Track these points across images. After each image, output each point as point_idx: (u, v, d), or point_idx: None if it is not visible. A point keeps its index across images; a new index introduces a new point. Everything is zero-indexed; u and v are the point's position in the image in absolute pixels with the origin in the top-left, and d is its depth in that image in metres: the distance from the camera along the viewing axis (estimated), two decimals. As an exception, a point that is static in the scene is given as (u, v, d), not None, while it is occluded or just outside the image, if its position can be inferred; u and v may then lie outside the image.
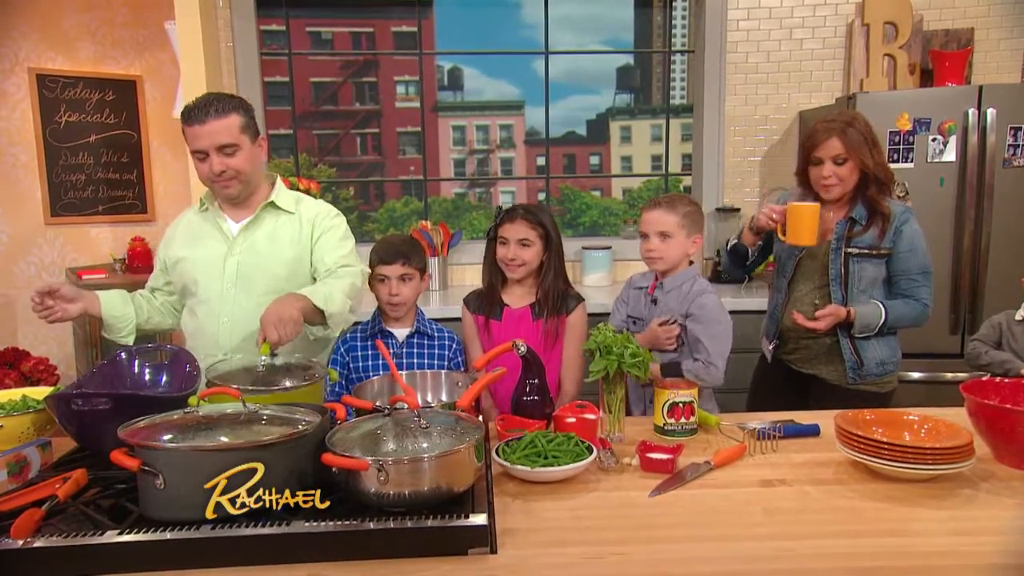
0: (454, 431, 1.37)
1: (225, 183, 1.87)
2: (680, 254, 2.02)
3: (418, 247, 2.19)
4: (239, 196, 1.93)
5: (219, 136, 1.81)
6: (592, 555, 1.17)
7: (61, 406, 1.45)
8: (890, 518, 1.28)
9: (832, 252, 2.14)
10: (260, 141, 1.94)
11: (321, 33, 3.88)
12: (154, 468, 1.16)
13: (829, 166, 2.08)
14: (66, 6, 4.11)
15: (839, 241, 2.12)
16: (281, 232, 1.96)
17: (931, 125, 2.94)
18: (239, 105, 1.87)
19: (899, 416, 1.55)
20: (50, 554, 1.09)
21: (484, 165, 4.06)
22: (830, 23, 3.53)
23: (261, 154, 1.95)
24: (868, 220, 2.11)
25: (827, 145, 2.07)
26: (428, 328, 2.16)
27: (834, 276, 2.14)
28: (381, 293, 2.11)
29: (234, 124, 1.83)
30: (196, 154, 1.85)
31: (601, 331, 1.68)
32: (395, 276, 2.07)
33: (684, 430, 1.67)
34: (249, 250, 1.94)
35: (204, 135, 1.80)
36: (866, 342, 2.12)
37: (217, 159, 1.83)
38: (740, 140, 3.62)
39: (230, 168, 1.85)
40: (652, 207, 2.06)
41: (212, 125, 1.80)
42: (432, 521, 1.17)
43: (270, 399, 1.45)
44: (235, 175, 1.86)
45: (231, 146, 1.83)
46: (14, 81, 4.04)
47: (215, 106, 1.81)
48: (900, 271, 2.10)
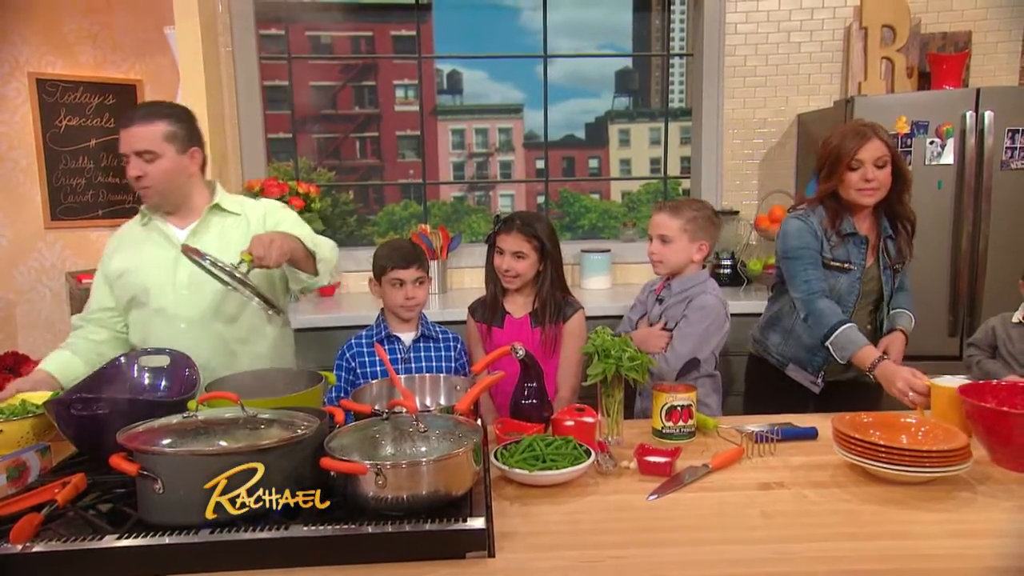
0: (452, 435, 1.37)
1: (142, 190, 1.87)
2: (682, 259, 2.03)
3: (423, 252, 2.21)
4: (159, 206, 1.93)
5: (139, 142, 1.81)
6: (590, 559, 1.17)
7: (60, 411, 1.45)
8: (888, 521, 1.28)
9: (883, 274, 2.12)
10: (192, 153, 1.92)
11: (320, 37, 3.89)
12: (153, 472, 1.16)
13: (871, 169, 1.99)
14: (66, 11, 4.12)
15: (885, 261, 2.12)
16: (230, 233, 1.96)
17: (929, 128, 2.94)
18: (171, 114, 1.86)
19: (896, 419, 1.55)
20: (49, 559, 1.09)
21: (483, 168, 4.07)
22: (828, 26, 3.54)
23: (191, 166, 1.93)
24: (898, 232, 2.10)
25: (869, 147, 1.98)
26: (432, 331, 2.18)
27: (888, 296, 2.15)
28: (396, 297, 2.10)
29: (157, 132, 1.82)
30: (122, 159, 1.86)
31: (600, 334, 1.68)
32: (411, 280, 2.09)
33: (682, 433, 1.67)
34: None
35: (125, 139, 1.83)
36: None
37: (135, 164, 1.83)
38: (739, 143, 3.62)
39: (147, 175, 1.84)
40: (658, 210, 2.07)
41: (135, 130, 1.81)
42: (430, 525, 1.17)
43: (269, 403, 1.45)
44: (151, 184, 1.85)
45: (149, 153, 1.82)
46: (14, 86, 4.05)
47: (142, 111, 1.83)
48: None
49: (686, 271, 2.05)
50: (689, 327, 1.99)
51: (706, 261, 2.10)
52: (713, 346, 2.05)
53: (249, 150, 3.47)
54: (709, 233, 2.04)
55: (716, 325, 2.01)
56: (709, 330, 1.99)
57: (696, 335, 1.98)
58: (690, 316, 1.99)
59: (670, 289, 2.07)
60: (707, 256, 2.07)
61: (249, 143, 3.47)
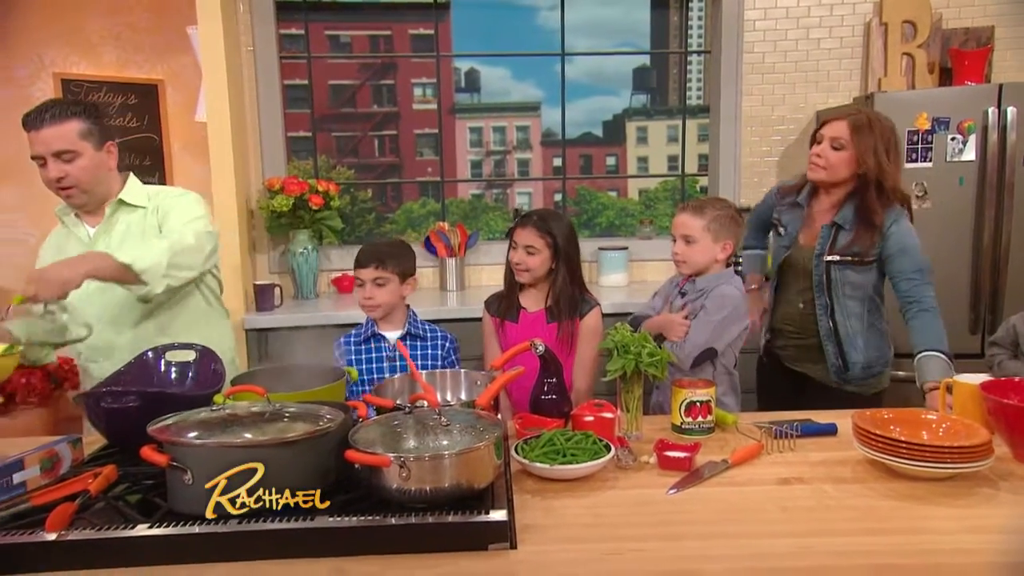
0: (474, 429, 1.39)
1: (66, 191, 1.85)
2: (706, 259, 2.03)
3: (400, 252, 2.18)
4: (86, 204, 1.92)
5: (55, 142, 1.79)
6: (611, 551, 1.18)
7: (91, 404, 1.49)
8: (908, 516, 1.28)
9: (815, 258, 2.14)
10: (108, 147, 1.91)
11: (340, 36, 3.92)
12: (182, 464, 1.19)
13: (825, 145, 2.08)
14: (90, 12, 4.18)
15: (822, 247, 2.12)
16: (134, 229, 1.94)
17: (950, 124, 2.92)
18: (81, 111, 1.84)
19: (917, 415, 1.55)
20: (84, 546, 1.12)
21: (501, 166, 4.09)
22: (848, 22, 3.51)
23: (109, 160, 1.92)
24: (856, 226, 2.08)
25: (833, 125, 2.08)
26: (419, 329, 2.19)
27: (817, 282, 2.15)
28: (359, 296, 2.15)
29: (71, 130, 1.81)
30: (36, 160, 1.83)
31: (619, 330, 1.69)
32: (369, 280, 2.11)
33: (701, 429, 1.68)
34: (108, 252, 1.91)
35: (40, 141, 1.80)
36: (852, 346, 2.13)
37: (54, 166, 1.81)
38: (757, 140, 3.61)
39: (69, 175, 1.83)
40: (681, 210, 2.08)
41: (48, 131, 1.79)
42: (453, 517, 1.19)
43: (294, 397, 1.47)
44: (75, 183, 1.84)
45: (68, 152, 1.81)
46: (39, 86, 4.11)
47: (51, 112, 1.80)
48: (896, 273, 2.06)
49: (710, 270, 2.05)
50: (707, 315, 1.98)
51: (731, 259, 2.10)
52: (731, 338, 2.03)
53: (269, 148, 3.51)
54: (732, 232, 2.04)
55: (734, 315, 2.00)
56: (727, 319, 1.98)
57: (713, 323, 1.97)
58: (708, 305, 1.99)
59: (694, 284, 2.06)
60: (731, 255, 2.06)
61: (269, 141, 3.51)
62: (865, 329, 2.14)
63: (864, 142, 2.03)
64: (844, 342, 2.14)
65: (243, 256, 3.26)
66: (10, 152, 4.12)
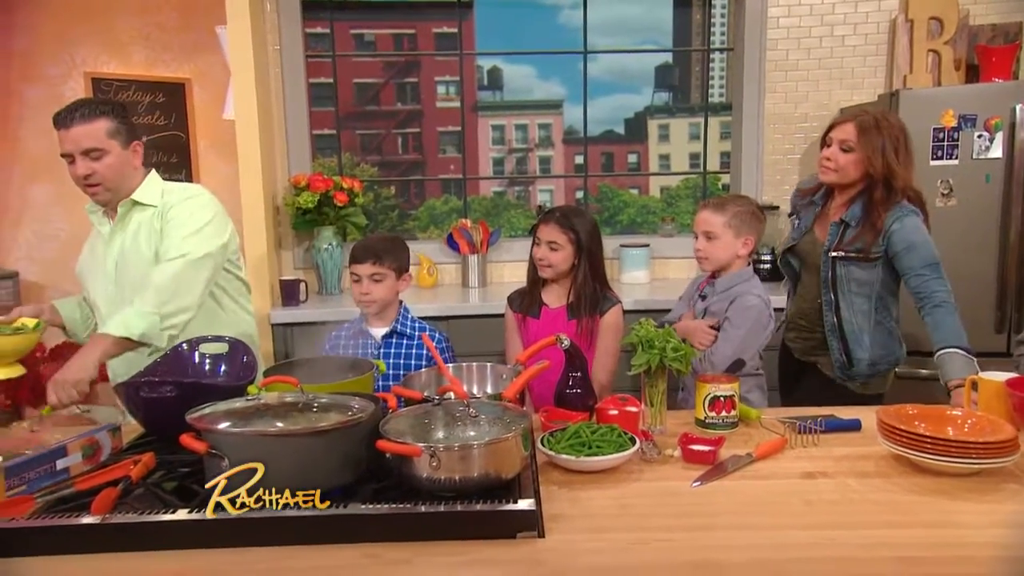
0: (501, 420, 1.42)
1: (92, 188, 1.90)
2: (728, 255, 2.04)
3: (396, 248, 2.18)
4: (110, 201, 1.97)
5: (83, 140, 1.84)
6: (637, 540, 1.20)
7: (130, 393, 1.53)
8: (933, 510, 1.29)
9: (823, 254, 2.16)
10: (135, 146, 1.96)
11: (364, 35, 3.96)
12: (220, 451, 1.22)
13: (834, 148, 2.11)
14: (120, 12, 4.26)
15: (830, 243, 2.15)
16: (143, 230, 1.98)
17: (977, 121, 2.90)
18: (109, 111, 1.89)
19: (942, 411, 1.56)
20: (127, 529, 1.16)
21: (523, 164, 4.11)
22: (872, 19, 3.49)
23: (135, 159, 1.97)
24: (861, 224, 2.10)
25: (841, 128, 2.11)
26: (406, 327, 2.17)
27: (824, 278, 2.17)
28: (354, 292, 2.14)
29: (99, 129, 1.86)
30: (65, 157, 1.88)
31: (643, 325, 1.71)
32: (366, 275, 2.10)
33: (725, 423, 1.69)
34: (120, 252, 1.99)
35: (69, 139, 1.85)
36: (857, 343, 2.14)
37: (82, 163, 1.86)
38: (780, 138, 3.60)
39: (96, 173, 1.88)
40: (702, 207, 2.10)
41: (77, 130, 1.83)
42: (481, 506, 1.21)
43: (325, 388, 1.51)
44: (101, 180, 1.89)
45: (96, 150, 1.86)
46: (71, 85, 4.20)
47: (81, 111, 1.84)
48: (906, 270, 2.06)
49: (732, 267, 2.06)
50: (732, 329, 1.99)
51: (752, 256, 2.11)
52: (757, 347, 2.06)
53: (295, 146, 3.56)
54: (754, 228, 2.05)
55: (759, 326, 2.01)
56: (751, 332, 2.00)
57: (739, 337, 1.99)
58: (733, 318, 2.00)
59: (713, 287, 2.08)
60: (752, 251, 2.08)
61: (295, 139, 3.56)
62: (872, 327, 2.15)
63: (872, 143, 2.05)
64: (849, 338, 2.15)
65: (269, 252, 3.31)
66: (42, 150, 4.21)
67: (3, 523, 1.17)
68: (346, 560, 1.14)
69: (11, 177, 4.14)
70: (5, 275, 4.05)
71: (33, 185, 4.20)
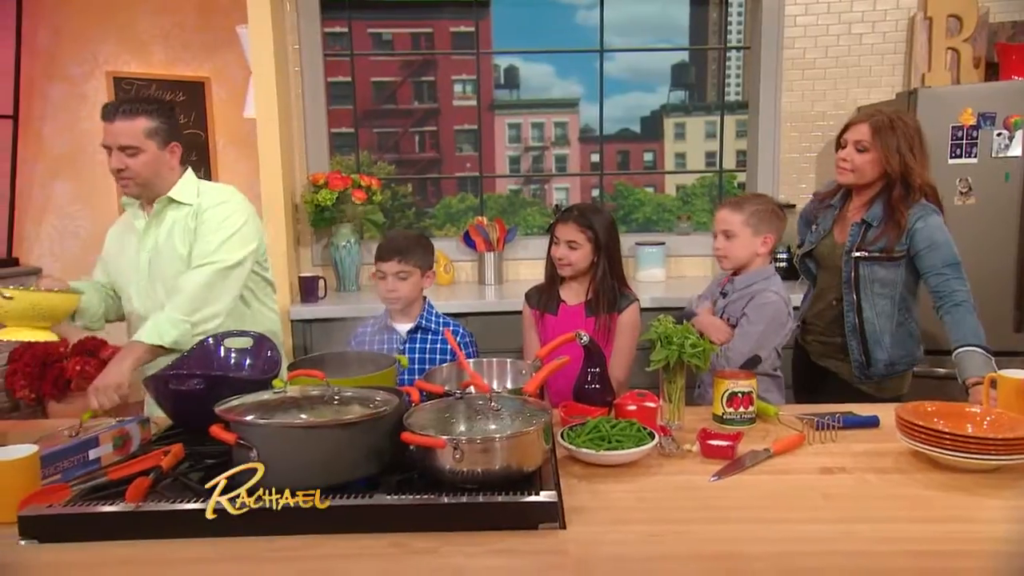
0: (521, 414, 1.44)
1: (123, 181, 1.96)
2: (747, 253, 2.05)
3: (419, 246, 2.20)
4: (140, 196, 2.03)
5: (122, 136, 1.90)
6: (657, 532, 1.22)
7: (159, 386, 1.57)
8: (952, 506, 1.30)
9: (845, 254, 2.16)
10: (172, 147, 2.01)
11: (382, 34, 3.99)
12: (249, 443, 1.25)
13: (850, 149, 2.12)
14: (140, 11, 4.31)
15: (852, 243, 2.15)
16: (177, 227, 2.02)
17: (996, 120, 2.89)
18: (152, 111, 1.95)
19: (961, 408, 1.56)
20: (161, 517, 1.19)
21: (539, 162, 4.13)
22: (891, 17, 3.49)
23: (172, 159, 2.01)
24: (882, 223, 2.10)
25: (856, 129, 2.12)
26: (431, 323, 2.20)
27: (846, 278, 2.17)
28: (380, 289, 2.17)
29: (139, 128, 1.92)
30: (105, 148, 1.95)
31: (662, 322, 1.73)
32: (391, 273, 2.13)
33: (742, 419, 1.71)
34: (153, 247, 2.03)
35: (109, 133, 1.91)
36: (877, 344, 2.14)
37: (116, 157, 1.92)
38: (796, 136, 3.60)
39: (129, 168, 1.93)
40: (721, 206, 2.12)
41: (118, 125, 1.90)
42: (503, 497, 1.23)
43: (349, 382, 1.54)
44: (133, 176, 1.94)
45: (132, 148, 1.92)
46: (93, 84, 4.26)
47: (124, 108, 1.91)
48: (926, 268, 2.06)
49: (752, 265, 2.07)
50: (750, 325, 2.00)
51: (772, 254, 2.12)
52: (775, 345, 2.06)
53: (313, 144, 3.60)
54: (773, 226, 2.06)
55: (777, 323, 2.02)
56: (769, 328, 2.01)
57: (756, 333, 2.00)
58: (751, 315, 2.01)
59: (733, 284, 2.09)
60: (772, 249, 2.08)
61: (313, 137, 3.59)
62: (894, 328, 2.15)
63: (887, 142, 2.06)
64: (869, 339, 2.15)
65: (288, 249, 3.35)
66: (65, 147, 4.28)
67: (41, 510, 1.20)
68: (374, 549, 1.17)
69: (34, 174, 4.21)
70: (29, 271, 4.11)
71: (55, 182, 4.27)
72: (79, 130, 4.27)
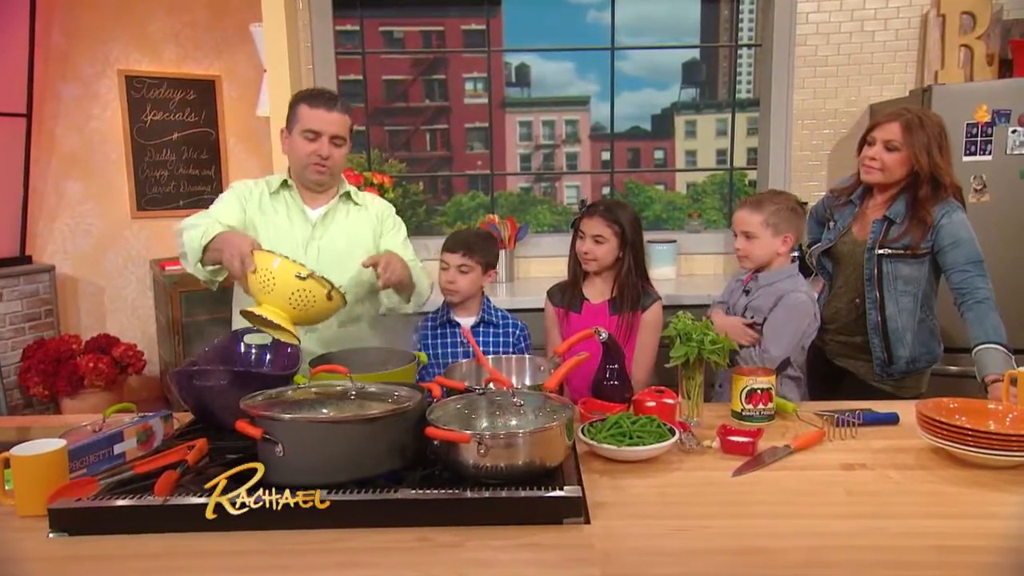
0: (543, 410, 1.44)
1: (321, 168, 2.01)
2: (767, 253, 2.05)
3: (487, 244, 2.25)
4: (324, 185, 2.08)
5: (337, 127, 1.99)
6: (679, 527, 1.22)
7: (183, 381, 1.57)
8: (975, 502, 1.30)
9: (867, 252, 2.15)
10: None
11: (393, 32, 4.00)
12: (274, 437, 1.26)
13: (879, 148, 2.10)
14: (152, 10, 4.33)
15: (874, 240, 2.13)
16: (354, 221, 2.12)
17: (1011, 117, 2.88)
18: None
19: (982, 405, 1.56)
20: (188, 510, 1.20)
21: (549, 160, 4.13)
22: (903, 14, 3.47)
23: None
24: (906, 220, 2.09)
25: (886, 127, 2.10)
26: (494, 317, 2.25)
27: (868, 276, 2.15)
28: (440, 278, 2.22)
29: (348, 123, 2.04)
30: (306, 133, 1.98)
31: (681, 319, 1.73)
32: (454, 264, 2.17)
33: (762, 416, 1.71)
34: (330, 237, 2.07)
35: (326, 121, 1.97)
36: (899, 341, 2.13)
37: (327, 145, 1.99)
38: (808, 134, 3.60)
39: (332, 157, 2.01)
40: (740, 207, 2.10)
41: (336, 115, 1.99)
42: (526, 492, 1.24)
43: (372, 378, 1.54)
44: (332, 165, 2.03)
45: (340, 139, 2.02)
46: (105, 83, 4.28)
47: (340, 101, 2.02)
48: (949, 265, 2.05)
49: (773, 264, 2.06)
50: (783, 328, 1.99)
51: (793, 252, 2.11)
52: (805, 343, 2.06)
53: (325, 142, 3.60)
54: (793, 224, 2.05)
55: (809, 324, 2.02)
56: (799, 330, 2.01)
57: (789, 334, 1.99)
58: (783, 317, 1.99)
59: (757, 281, 2.08)
60: (793, 247, 2.08)
61: (325, 136, 3.59)
62: (916, 325, 2.14)
63: (918, 141, 2.05)
64: (891, 336, 2.14)
65: (301, 247, 3.35)
66: (76, 146, 4.30)
67: (71, 503, 1.22)
68: (400, 543, 1.17)
69: (47, 173, 4.23)
70: (43, 268, 4.14)
71: (67, 181, 4.29)
72: (91, 129, 4.29)
